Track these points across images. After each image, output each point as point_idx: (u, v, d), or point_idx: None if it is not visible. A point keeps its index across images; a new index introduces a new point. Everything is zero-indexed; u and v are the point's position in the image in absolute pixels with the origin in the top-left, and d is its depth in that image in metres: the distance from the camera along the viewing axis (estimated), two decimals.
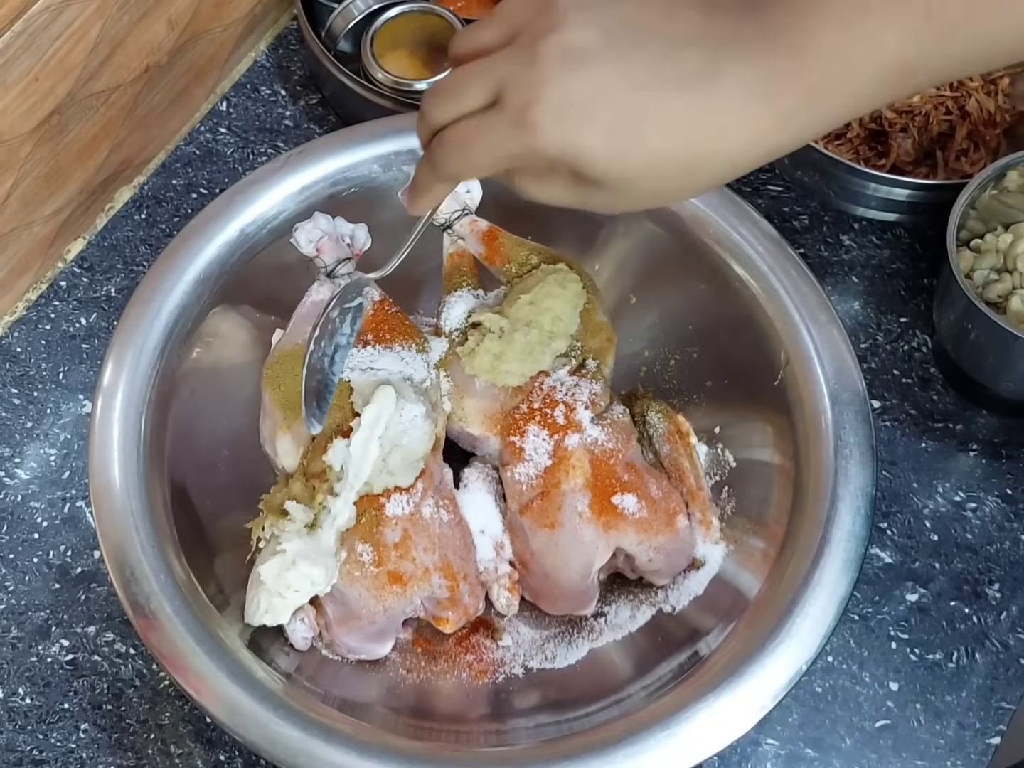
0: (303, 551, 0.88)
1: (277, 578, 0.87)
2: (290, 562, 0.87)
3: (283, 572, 0.87)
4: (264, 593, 0.88)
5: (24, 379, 1.11)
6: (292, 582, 0.88)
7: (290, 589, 0.88)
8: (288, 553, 0.87)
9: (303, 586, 0.88)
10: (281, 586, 0.88)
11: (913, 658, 1.00)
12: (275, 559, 0.87)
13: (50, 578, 1.03)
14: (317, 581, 0.88)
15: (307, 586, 0.88)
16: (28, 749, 0.97)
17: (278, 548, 0.88)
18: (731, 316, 0.98)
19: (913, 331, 1.13)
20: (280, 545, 0.88)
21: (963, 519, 1.05)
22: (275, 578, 0.87)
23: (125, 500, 0.88)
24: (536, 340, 0.95)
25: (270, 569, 0.87)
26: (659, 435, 1.00)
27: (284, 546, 0.87)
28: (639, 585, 0.98)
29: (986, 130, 1.13)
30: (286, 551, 0.87)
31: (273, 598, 0.88)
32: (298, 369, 0.94)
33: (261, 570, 0.87)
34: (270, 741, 0.81)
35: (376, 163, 1.02)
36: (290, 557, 0.87)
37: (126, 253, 1.17)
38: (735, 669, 0.84)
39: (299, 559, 0.87)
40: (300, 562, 0.87)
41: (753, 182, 1.19)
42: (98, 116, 1.10)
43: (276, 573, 0.87)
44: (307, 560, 0.87)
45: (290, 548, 0.87)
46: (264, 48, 1.28)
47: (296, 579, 0.88)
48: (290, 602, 0.89)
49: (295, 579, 0.88)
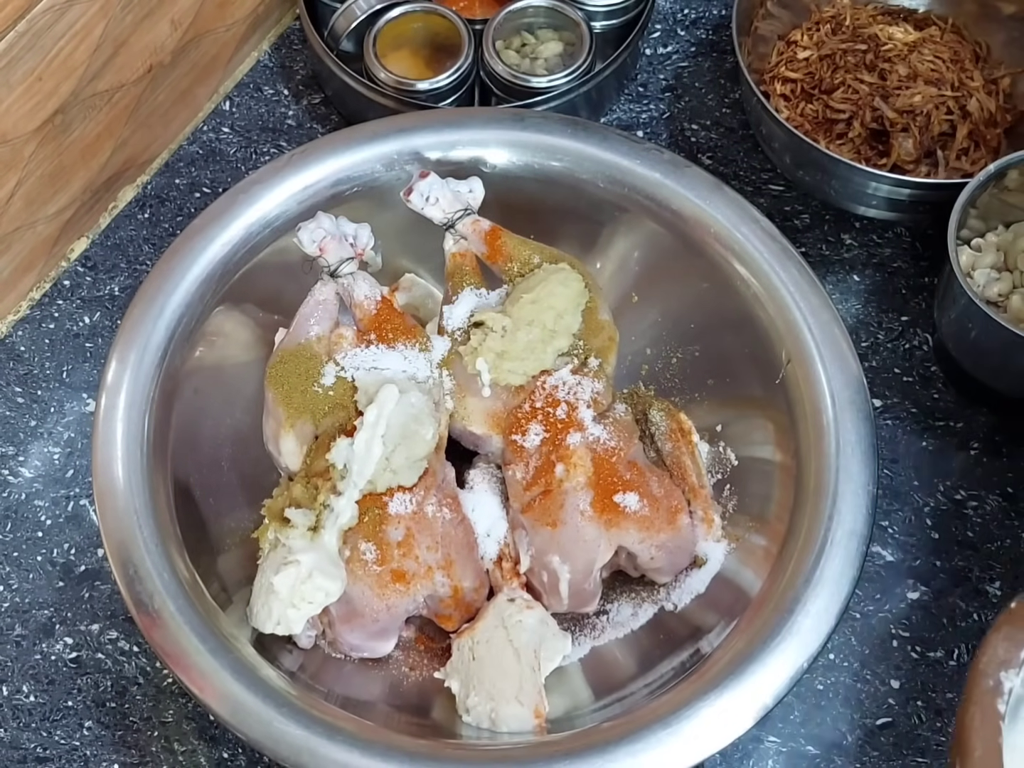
0: (319, 564, 0.88)
1: (292, 590, 0.88)
2: (306, 575, 0.88)
3: (298, 584, 0.87)
4: (278, 604, 0.88)
5: (28, 378, 1.11)
6: (307, 595, 0.88)
7: (304, 601, 0.88)
8: (303, 565, 0.87)
9: (317, 598, 0.89)
10: (296, 598, 0.88)
11: (914, 655, 1.00)
12: (289, 570, 0.88)
13: (54, 576, 1.03)
14: (331, 593, 0.89)
15: (321, 598, 0.89)
16: (32, 746, 0.97)
17: (290, 558, 0.88)
18: (732, 314, 0.99)
19: (914, 329, 1.13)
20: (292, 555, 0.88)
21: (964, 517, 1.05)
22: (290, 589, 0.88)
23: (129, 498, 0.88)
24: (538, 339, 0.96)
25: (285, 580, 0.88)
26: (661, 433, 1.00)
27: (298, 557, 0.88)
28: (641, 583, 0.98)
29: (987, 130, 1.14)
30: (300, 562, 0.88)
31: (287, 609, 0.88)
32: (301, 368, 0.95)
33: (275, 580, 0.88)
34: (273, 739, 0.82)
35: (379, 162, 1.02)
36: (306, 570, 0.87)
37: (129, 252, 1.17)
38: (737, 667, 0.84)
39: (315, 573, 0.88)
40: (316, 576, 0.88)
41: (755, 181, 1.19)
42: (101, 116, 1.11)
43: (291, 584, 0.88)
44: (323, 573, 0.88)
45: (305, 560, 0.88)
46: (267, 48, 1.28)
47: (311, 592, 0.88)
48: (303, 613, 0.89)
49: (310, 591, 0.88)
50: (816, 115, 1.15)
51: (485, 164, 1.02)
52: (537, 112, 1.10)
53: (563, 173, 1.02)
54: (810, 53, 1.17)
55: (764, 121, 1.13)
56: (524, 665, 0.89)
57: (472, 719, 0.89)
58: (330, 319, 0.98)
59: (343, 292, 0.98)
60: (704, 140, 1.22)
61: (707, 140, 1.22)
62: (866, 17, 1.19)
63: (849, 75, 1.14)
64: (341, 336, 0.97)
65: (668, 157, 1.02)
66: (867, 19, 1.19)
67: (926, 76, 1.13)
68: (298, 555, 0.88)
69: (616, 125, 1.22)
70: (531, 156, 1.02)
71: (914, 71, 1.14)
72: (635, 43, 1.20)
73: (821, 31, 1.19)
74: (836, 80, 1.15)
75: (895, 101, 1.12)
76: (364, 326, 0.97)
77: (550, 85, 1.15)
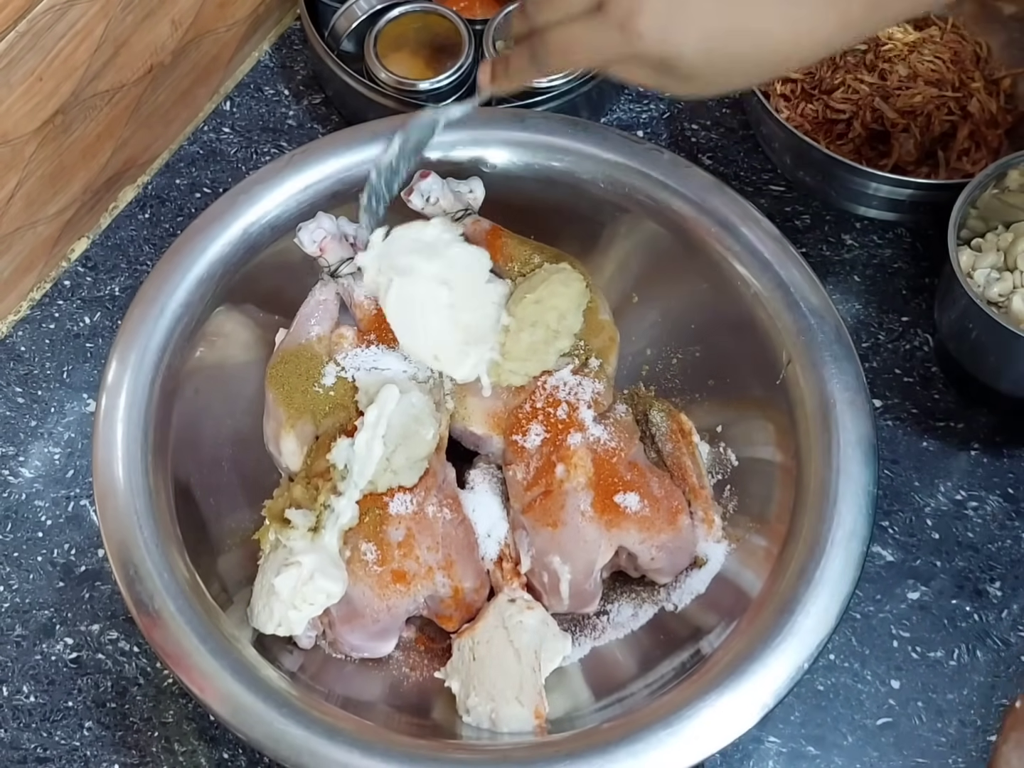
0: (320, 565, 0.88)
1: (293, 591, 0.88)
2: (307, 576, 0.88)
3: (299, 586, 0.88)
4: (279, 605, 0.88)
5: (28, 378, 1.11)
6: (308, 596, 0.88)
7: (305, 602, 0.88)
8: (305, 566, 0.88)
9: (318, 599, 0.89)
10: (297, 600, 0.88)
11: (915, 656, 1.00)
12: (291, 571, 0.88)
13: (54, 576, 1.03)
14: (332, 595, 0.89)
15: (322, 599, 0.89)
16: (32, 747, 0.97)
17: (291, 559, 0.88)
18: (733, 315, 0.99)
19: (915, 330, 1.13)
20: (294, 557, 0.88)
21: (964, 517, 1.05)
22: (291, 591, 0.88)
23: (129, 499, 0.88)
24: (541, 339, 0.96)
25: (286, 581, 0.88)
26: (661, 434, 1.00)
27: (299, 558, 0.88)
28: (641, 583, 0.98)
29: (988, 130, 1.14)
30: (301, 563, 0.88)
31: (288, 610, 0.88)
32: (302, 368, 0.95)
33: (276, 582, 0.88)
34: (273, 739, 0.82)
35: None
36: (307, 571, 0.88)
37: (130, 252, 1.17)
38: (737, 667, 0.84)
39: (317, 574, 0.88)
40: (318, 577, 0.88)
41: (755, 182, 1.19)
42: (102, 116, 1.11)
43: (292, 586, 0.88)
44: (324, 575, 0.88)
45: (306, 562, 0.88)
46: (267, 48, 1.28)
47: (312, 593, 0.88)
48: (304, 615, 0.89)
49: (311, 593, 0.88)
50: (816, 115, 1.15)
51: (485, 164, 1.02)
52: (537, 112, 1.10)
53: (563, 173, 1.02)
54: None
55: (764, 121, 1.13)
56: (524, 665, 0.89)
57: (472, 719, 0.89)
58: (331, 319, 0.98)
59: (343, 292, 0.98)
60: (704, 140, 1.22)
61: (707, 140, 1.22)
62: None
63: (849, 75, 1.15)
64: (342, 336, 0.97)
65: (668, 157, 1.02)
66: None
67: (926, 76, 1.14)
68: (299, 556, 0.88)
69: (616, 125, 1.22)
70: (531, 156, 1.02)
71: (914, 71, 1.14)
72: None
73: None
74: (836, 80, 1.15)
75: (895, 101, 1.12)
76: (365, 326, 0.97)
77: (550, 85, 1.15)
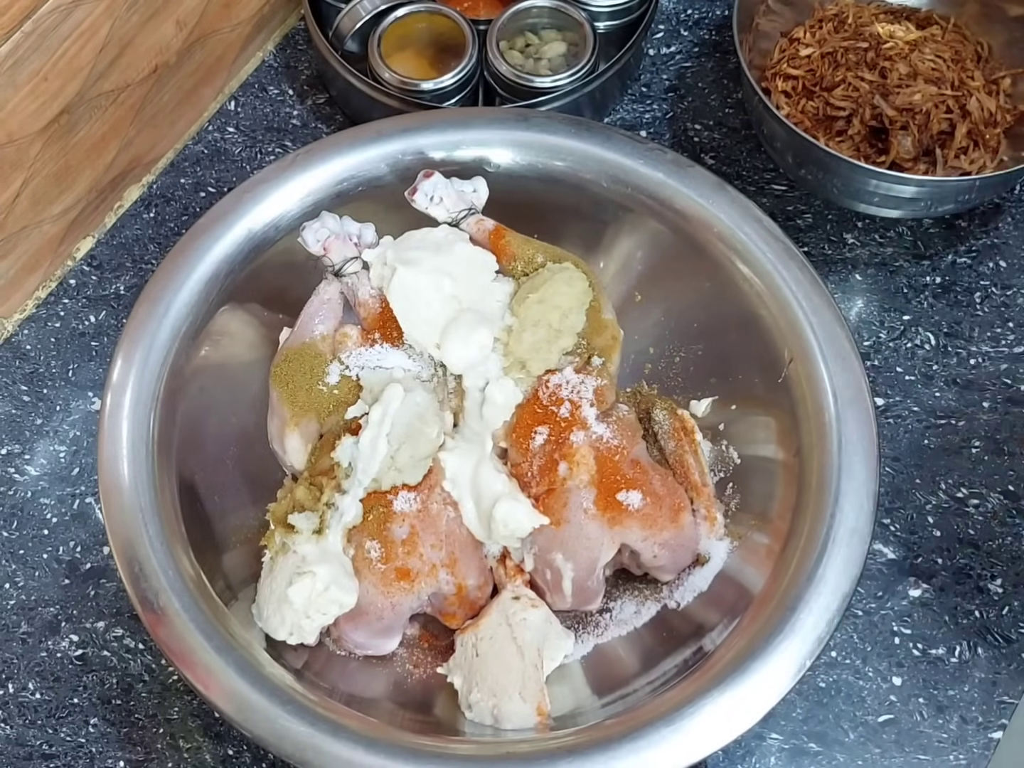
0: (335, 576, 0.88)
1: (307, 602, 0.88)
2: (322, 588, 0.88)
3: (314, 596, 0.88)
4: (291, 613, 0.89)
5: (34, 376, 1.11)
6: (322, 607, 0.89)
7: (318, 612, 0.89)
8: (320, 578, 0.88)
9: (331, 610, 0.89)
10: (311, 610, 0.89)
11: (916, 653, 1.01)
12: (305, 581, 0.88)
13: (60, 574, 1.03)
14: (345, 605, 0.89)
15: (335, 610, 0.90)
16: (38, 743, 0.98)
17: (304, 568, 0.88)
18: (735, 314, 0.99)
19: (916, 328, 1.13)
20: (307, 566, 0.88)
21: (965, 515, 1.06)
22: (305, 601, 0.88)
23: (134, 496, 0.89)
24: (544, 339, 0.96)
25: (300, 591, 0.88)
26: (664, 432, 1.00)
27: (313, 568, 0.88)
28: (644, 581, 0.98)
29: (986, 129, 1.14)
30: (315, 574, 0.88)
31: (301, 619, 0.89)
32: (306, 367, 0.95)
33: (290, 592, 0.88)
34: (278, 736, 0.82)
35: (383, 162, 1.02)
36: (322, 583, 0.88)
37: (135, 251, 1.17)
38: (739, 664, 0.84)
39: (333, 586, 0.88)
40: (333, 589, 0.88)
41: (757, 181, 1.20)
42: (107, 115, 1.11)
43: (307, 596, 0.88)
44: (339, 586, 0.88)
45: (321, 573, 0.88)
46: (272, 48, 1.28)
47: (326, 604, 0.89)
48: (316, 624, 0.90)
49: (325, 604, 0.89)
50: (816, 112, 1.16)
51: (489, 164, 1.03)
52: (541, 112, 1.10)
53: (567, 173, 1.02)
54: (812, 50, 1.18)
55: (766, 120, 1.13)
56: (527, 662, 0.89)
57: (474, 715, 0.89)
58: (334, 318, 0.98)
59: (347, 291, 0.98)
60: (707, 140, 1.22)
61: (710, 140, 1.22)
62: (868, 15, 1.19)
63: (850, 72, 1.15)
64: (345, 335, 0.97)
65: (671, 157, 1.02)
66: (869, 17, 1.19)
67: (926, 75, 1.14)
68: (313, 566, 0.88)
69: (619, 125, 1.23)
70: (535, 156, 1.02)
71: (914, 70, 1.14)
72: (638, 43, 1.20)
73: (823, 29, 1.19)
74: (837, 77, 1.15)
75: (895, 99, 1.12)
76: (368, 325, 0.98)
77: (554, 85, 1.15)
